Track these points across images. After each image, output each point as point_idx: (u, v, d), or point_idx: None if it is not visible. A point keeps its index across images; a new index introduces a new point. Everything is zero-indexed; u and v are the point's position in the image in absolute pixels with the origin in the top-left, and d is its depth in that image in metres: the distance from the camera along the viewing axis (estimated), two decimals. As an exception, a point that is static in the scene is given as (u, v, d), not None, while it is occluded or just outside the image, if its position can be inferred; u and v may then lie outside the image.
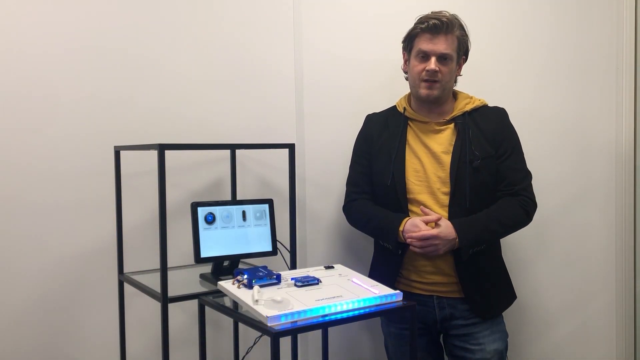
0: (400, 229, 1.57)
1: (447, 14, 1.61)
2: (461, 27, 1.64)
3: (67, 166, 1.64)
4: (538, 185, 1.71)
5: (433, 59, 1.59)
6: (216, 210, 1.52)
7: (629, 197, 2.09)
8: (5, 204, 1.58)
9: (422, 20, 1.62)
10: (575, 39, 2.09)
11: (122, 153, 1.63)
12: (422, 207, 1.59)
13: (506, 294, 1.72)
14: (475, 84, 1.88)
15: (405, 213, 1.63)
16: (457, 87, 1.75)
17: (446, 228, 1.53)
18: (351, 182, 1.78)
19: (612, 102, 2.10)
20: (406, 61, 1.71)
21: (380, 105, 1.84)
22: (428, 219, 1.55)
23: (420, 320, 1.66)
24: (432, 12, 1.63)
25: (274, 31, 1.92)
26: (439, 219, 1.54)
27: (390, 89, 1.87)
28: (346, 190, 1.79)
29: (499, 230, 1.62)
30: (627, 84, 2.08)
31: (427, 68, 1.60)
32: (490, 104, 1.74)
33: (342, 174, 1.83)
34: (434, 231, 1.52)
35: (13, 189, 1.58)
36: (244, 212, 1.56)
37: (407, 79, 1.73)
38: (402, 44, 1.71)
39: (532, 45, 2.07)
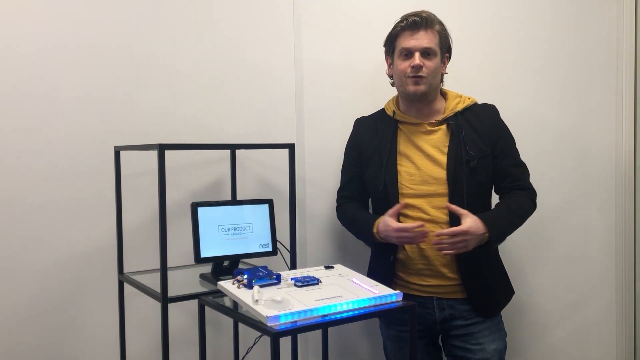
0: (374, 230, 1.59)
1: (425, 11, 1.62)
2: (440, 23, 1.64)
3: (67, 166, 1.64)
4: (538, 186, 1.71)
5: (417, 55, 1.60)
6: (218, 211, 1.52)
7: (629, 198, 2.09)
8: (5, 204, 1.58)
9: (401, 20, 1.64)
10: (575, 39, 2.09)
11: (122, 153, 1.63)
12: (447, 204, 1.55)
13: (505, 291, 1.73)
14: (473, 85, 1.88)
15: (398, 219, 1.62)
16: (451, 87, 1.75)
17: (474, 222, 1.50)
18: (341, 187, 1.82)
19: (612, 102, 2.10)
20: (390, 65, 1.72)
21: (380, 104, 1.83)
22: (391, 211, 1.56)
23: (420, 321, 1.65)
24: (410, 12, 1.64)
25: (274, 31, 1.92)
26: (403, 207, 1.56)
27: (390, 89, 1.87)
28: (337, 195, 1.83)
29: (518, 223, 1.64)
30: (627, 84, 2.08)
31: (412, 64, 1.59)
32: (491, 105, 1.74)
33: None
34: (464, 227, 1.48)
35: (13, 189, 1.58)
36: (244, 212, 1.56)
37: (392, 84, 1.74)
38: (383, 48, 1.72)
39: (531, 46, 2.07)
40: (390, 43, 1.68)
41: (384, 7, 2.00)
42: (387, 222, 1.56)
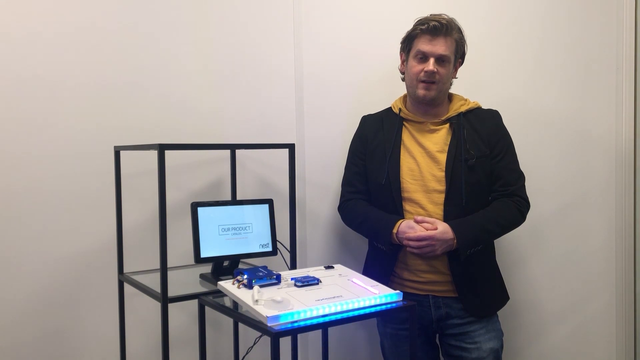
0: (394, 231, 1.58)
1: (446, 17, 1.63)
2: (459, 31, 1.66)
3: (67, 166, 1.64)
4: (537, 185, 1.72)
5: (432, 60, 1.60)
6: (218, 211, 1.52)
7: (629, 197, 2.09)
8: (5, 204, 1.58)
9: (422, 22, 1.63)
10: (575, 38, 2.08)
11: (122, 153, 1.63)
12: (415, 216, 1.60)
13: (500, 294, 1.73)
14: (473, 83, 1.88)
15: (400, 212, 1.64)
16: (454, 87, 1.75)
17: (443, 228, 1.54)
18: (346, 182, 1.79)
19: (612, 101, 2.10)
20: (403, 62, 1.73)
21: (381, 104, 1.84)
22: (426, 226, 1.55)
23: (417, 320, 1.65)
24: (431, 15, 1.64)
25: (274, 31, 1.92)
26: (434, 229, 1.55)
27: (390, 88, 1.87)
28: (341, 191, 1.80)
29: (496, 231, 1.64)
30: (627, 83, 2.08)
31: (425, 69, 1.61)
32: (488, 103, 1.75)
33: (342, 174, 1.83)
34: (431, 232, 1.53)
35: (13, 189, 1.58)
36: (244, 212, 1.56)
37: (403, 79, 1.74)
38: (400, 45, 1.73)
39: (532, 43, 2.07)
40: (408, 42, 1.68)
41: (384, 7, 2.00)
42: (411, 225, 1.56)
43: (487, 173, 1.65)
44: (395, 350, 1.74)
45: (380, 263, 1.70)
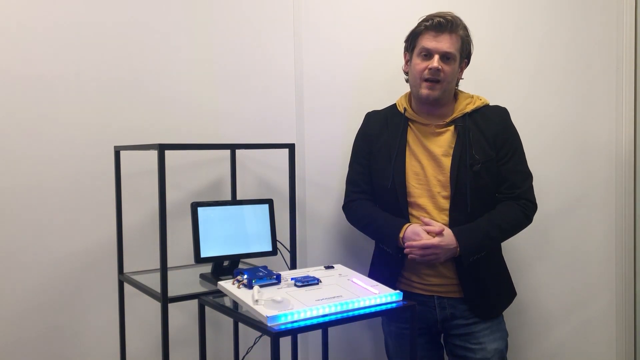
0: (401, 235, 1.57)
1: (452, 14, 1.60)
2: (465, 28, 1.62)
3: (67, 166, 1.64)
4: (538, 186, 1.71)
5: (436, 57, 1.57)
6: (218, 211, 1.52)
7: (629, 197, 2.09)
8: (5, 204, 1.58)
9: (426, 19, 1.61)
10: (575, 39, 2.08)
11: (122, 153, 1.63)
12: (422, 217, 1.59)
13: (506, 293, 1.72)
14: (473, 84, 1.87)
15: (406, 216, 1.63)
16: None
17: (447, 237, 1.53)
18: (351, 181, 1.77)
19: (612, 102, 2.09)
20: (407, 61, 1.69)
21: (381, 104, 1.84)
22: (430, 229, 1.54)
23: (421, 320, 1.65)
24: (435, 12, 1.61)
25: (274, 30, 1.92)
26: (441, 231, 1.53)
27: (391, 88, 1.87)
28: (346, 190, 1.78)
29: (499, 237, 1.63)
30: (627, 84, 2.08)
31: (429, 66, 1.57)
32: (491, 104, 1.73)
33: (342, 173, 1.83)
34: (435, 240, 1.52)
35: (13, 189, 1.58)
36: (244, 212, 1.56)
37: (407, 80, 1.72)
38: (404, 44, 1.70)
39: (531, 45, 2.07)
40: (412, 40, 1.65)
41: (384, 7, 2.00)
42: (417, 232, 1.55)
43: (493, 176, 1.62)
44: (400, 349, 1.73)
45: (388, 265, 1.69)
